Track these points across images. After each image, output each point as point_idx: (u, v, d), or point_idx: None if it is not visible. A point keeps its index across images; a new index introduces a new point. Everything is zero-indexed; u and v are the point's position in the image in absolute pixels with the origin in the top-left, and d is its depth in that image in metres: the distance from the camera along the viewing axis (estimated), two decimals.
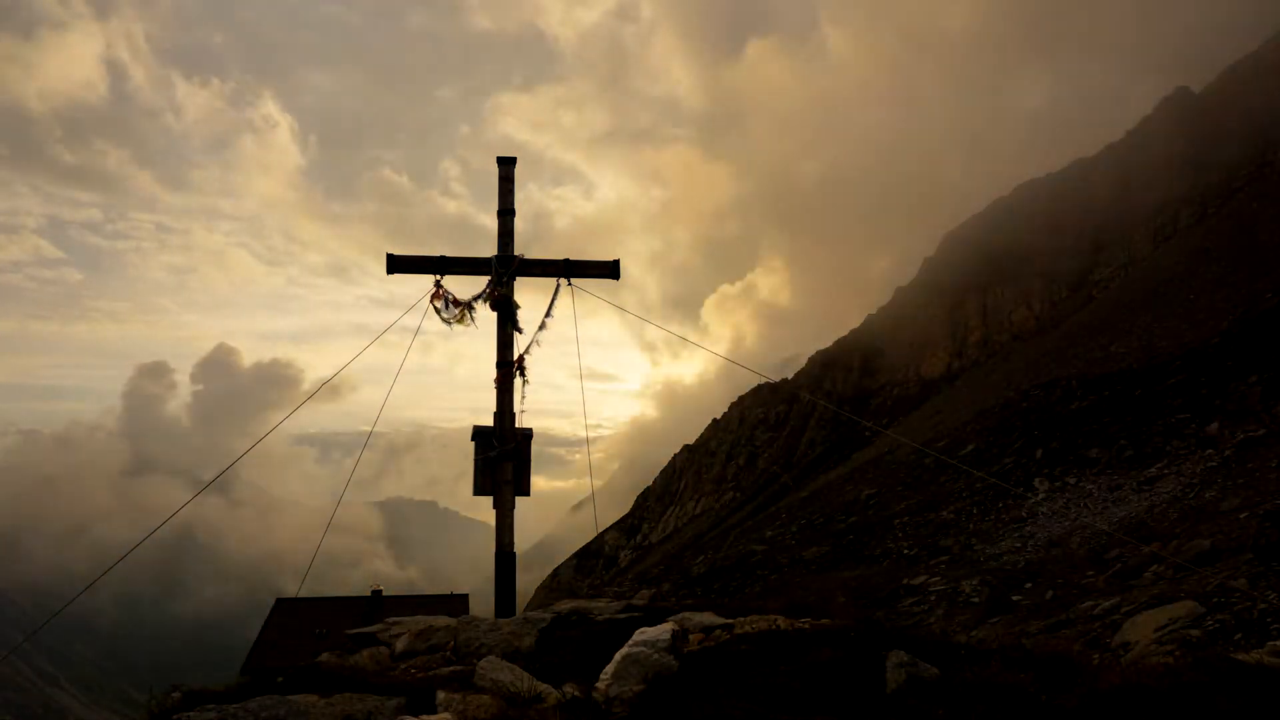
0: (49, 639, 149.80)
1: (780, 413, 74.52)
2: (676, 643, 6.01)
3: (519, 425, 9.72)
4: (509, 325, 9.73)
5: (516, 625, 7.59)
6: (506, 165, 10.13)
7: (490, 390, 9.70)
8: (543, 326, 9.74)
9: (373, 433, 11.33)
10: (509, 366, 9.70)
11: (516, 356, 9.72)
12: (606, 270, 9.94)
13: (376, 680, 5.96)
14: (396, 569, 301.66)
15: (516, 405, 9.72)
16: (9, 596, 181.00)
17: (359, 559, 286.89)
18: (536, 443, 9.83)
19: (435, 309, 9.74)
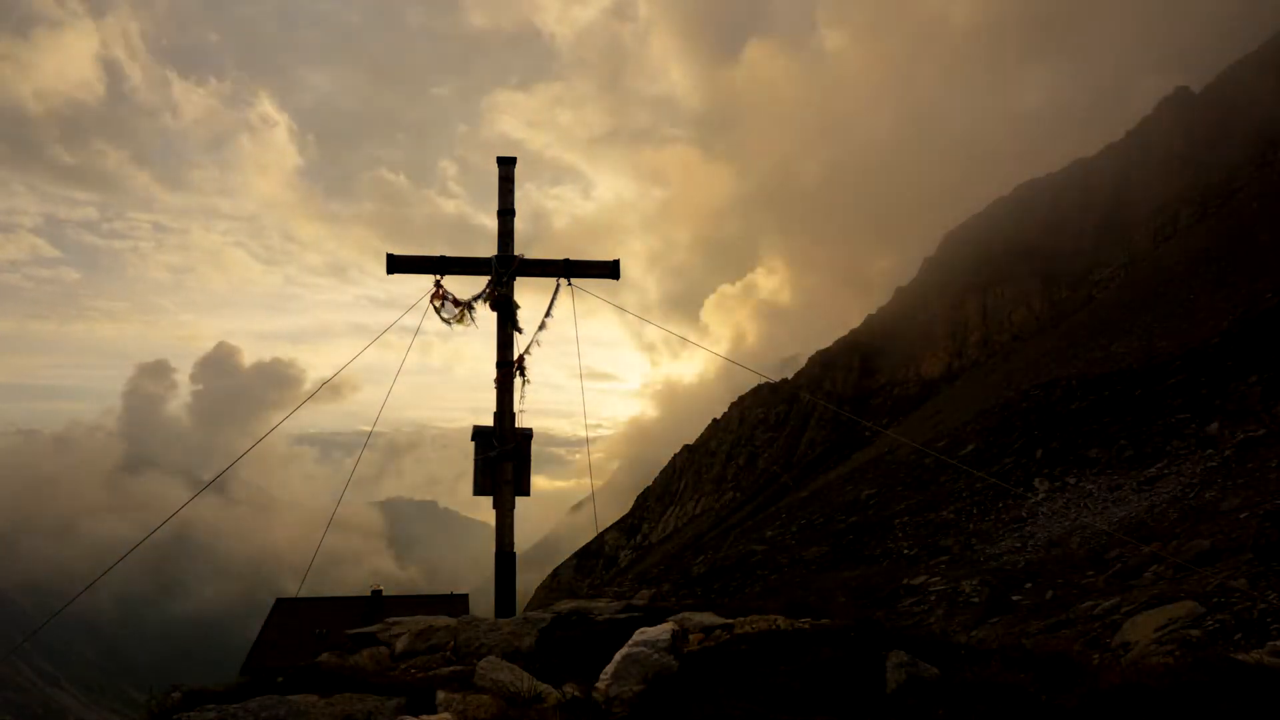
0: (49, 639, 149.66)
1: (780, 413, 74.52)
2: (676, 643, 6.01)
3: (519, 425, 9.73)
4: (509, 325, 9.74)
5: (516, 625, 7.59)
6: (506, 165, 10.14)
7: (490, 390, 9.71)
8: (543, 326, 9.75)
9: (373, 433, 11.34)
10: (509, 366, 9.70)
11: (516, 356, 9.73)
12: (606, 270, 9.95)
13: (376, 680, 5.96)
14: (397, 569, 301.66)
15: (516, 405, 9.73)
16: (9, 596, 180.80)
17: (359, 559, 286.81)
18: (536, 443, 9.84)
19: (435, 309, 9.76)
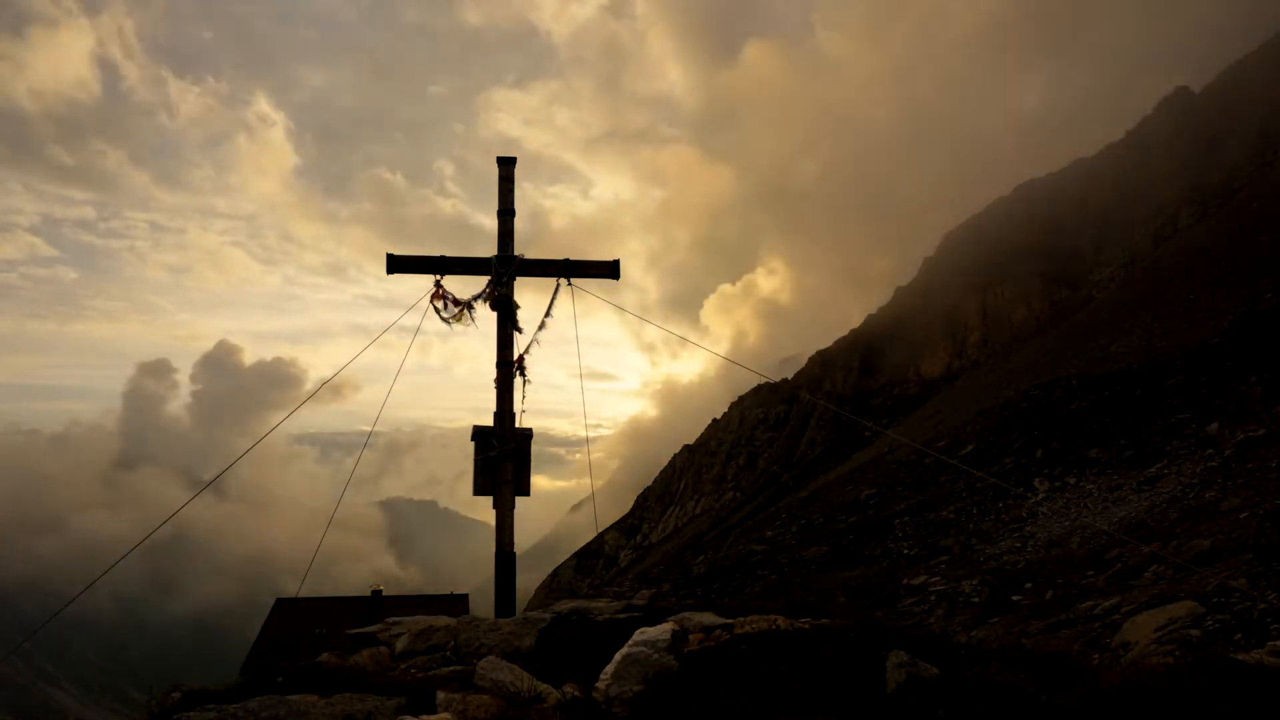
0: (49, 639, 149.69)
1: (780, 413, 74.53)
2: (676, 643, 6.01)
3: (519, 425, 9.73)
4: (509, 325, 9.73)
5: (516, 625, 7.59)
6: (506, 165, 10.14)
7: (490, 390, 9.71)
8: (542, 326, 9.75)
9: (373, 433, 11.35)
10: (509, 366, 9.70)
11: (516, 356, 9.73)
12: (606, 270, 9.95)
13: (376, 680, 5.96)
14: (397, 569, 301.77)
15: (516, 405, 9.73)
16: (9, 596, 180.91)
17: (359, 558, 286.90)
18: (536, 443, 9.84)
19: (435, 309, 9.76)
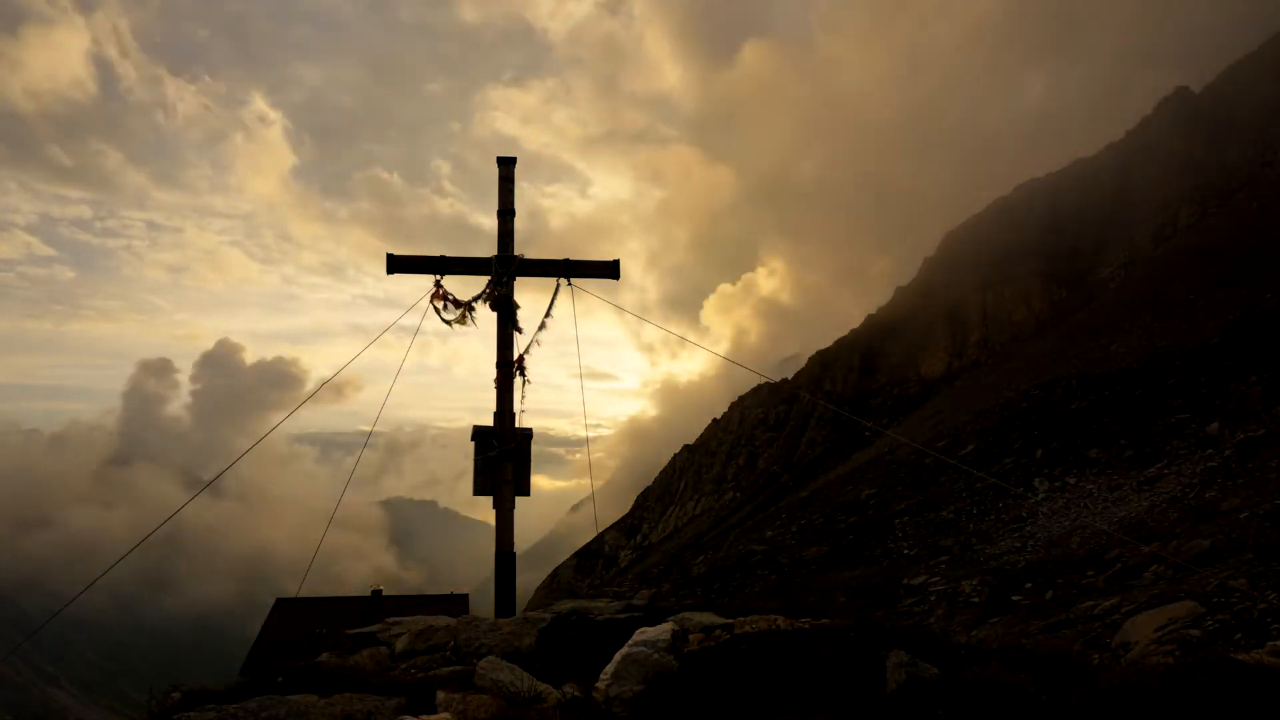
0: (49, 639, 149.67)
1: (780, 413, 74.51)
2: (676, 643, 6.01)
3: (519, 425, 9.73)
4: (509, 325, 9.74)
5: (516, 625, 7.59)
6: (506, 165, 10.14)
7: (490, 390, 9.71)
8: (543, 326, 9.75)
9: (373, 433, 11.35)
10: (509, 366, 9.70)
11: (516, 356, 9.73)
12: (606, 270, 9.95)
13: (376, 680, 5.96)
14: (397, 568, 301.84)
15: (516, 405, 9.73)
16: (8, 596, 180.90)
17: (359, 558, 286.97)
18: (536, 443, 9.84)
19: (435, 309, 9.76)
